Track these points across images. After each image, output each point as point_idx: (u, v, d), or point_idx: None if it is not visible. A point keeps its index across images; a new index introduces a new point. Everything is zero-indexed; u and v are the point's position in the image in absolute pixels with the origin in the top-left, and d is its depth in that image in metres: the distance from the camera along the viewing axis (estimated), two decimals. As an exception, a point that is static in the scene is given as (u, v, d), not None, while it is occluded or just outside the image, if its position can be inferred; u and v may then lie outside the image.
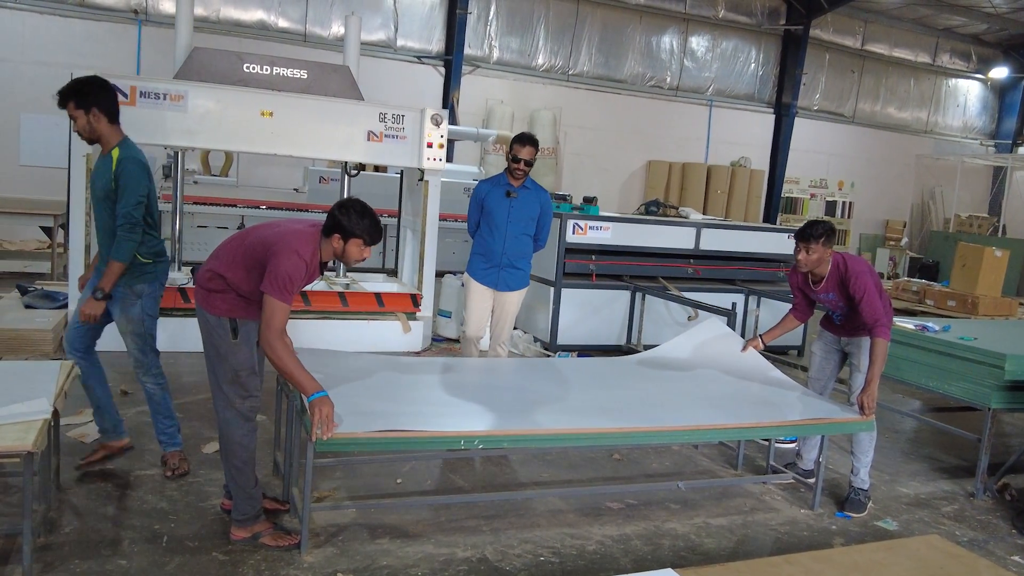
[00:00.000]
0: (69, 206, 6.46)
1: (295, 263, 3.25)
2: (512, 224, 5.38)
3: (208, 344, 3.45)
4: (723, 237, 8.42)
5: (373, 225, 3.38)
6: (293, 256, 3.25)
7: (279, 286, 3.22)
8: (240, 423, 3.44)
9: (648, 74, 16.67)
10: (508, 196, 5.37)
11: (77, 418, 4.81)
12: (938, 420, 5.77)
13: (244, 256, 3.40)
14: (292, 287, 3.26)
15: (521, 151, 5.31)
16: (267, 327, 3.23)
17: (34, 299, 6.82)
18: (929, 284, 11.31)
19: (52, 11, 12.23)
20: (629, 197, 16.70)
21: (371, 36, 14.08)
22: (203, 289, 3.43)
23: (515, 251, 5.41)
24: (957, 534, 4.33)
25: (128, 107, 6.31)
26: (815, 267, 4.40)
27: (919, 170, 20.17)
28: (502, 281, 5.43)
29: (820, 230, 4.27)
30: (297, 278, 3.28)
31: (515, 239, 5.41)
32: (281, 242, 3.31)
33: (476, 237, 5.50)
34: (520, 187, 5.40)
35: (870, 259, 19.19)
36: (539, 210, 5.46)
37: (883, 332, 4.24)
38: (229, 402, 3.42)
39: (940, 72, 19.94)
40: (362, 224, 3.34)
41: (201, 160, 12.58)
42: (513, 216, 5.37)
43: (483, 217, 5.44)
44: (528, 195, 5.42)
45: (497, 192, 5.40)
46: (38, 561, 3.14)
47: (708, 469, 5.01)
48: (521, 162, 5.32)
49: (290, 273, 3.24)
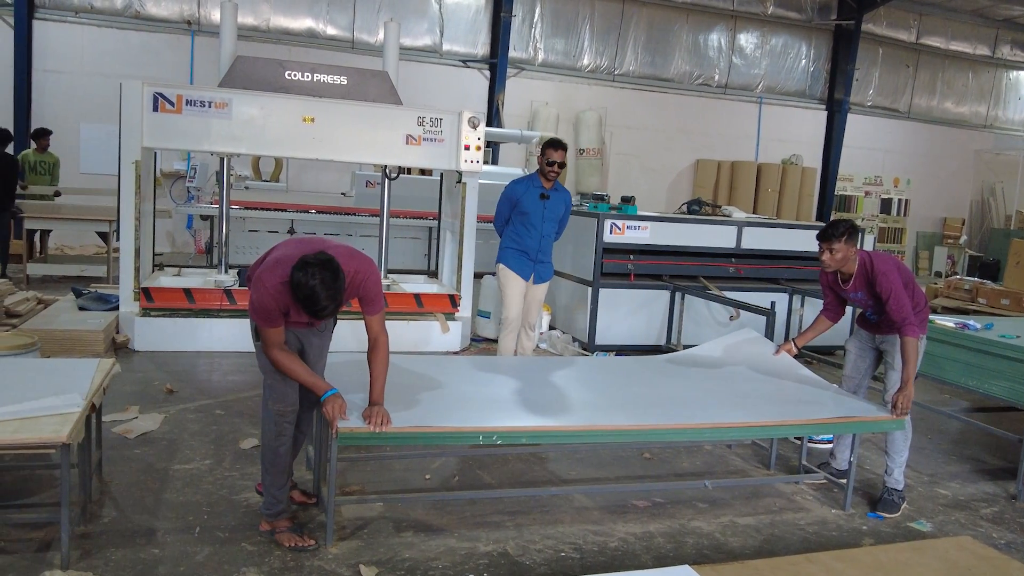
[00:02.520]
0: (119, 211, 6.70)
1: (260, 294, 3.31)
2: (546, 223, 5.86)
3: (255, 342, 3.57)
4: (766, 236, 8.32)
5: (307, 299, 3.15)
6: (260, 287, 3.32)
7: (256, 312, 3.34)
8: (270, 425, 3.52)
9: (696, 72, 16.54)
10: (542, 198, 5.78)
11: (123, 414, 5.00)
12: (981, 420, 5.63)
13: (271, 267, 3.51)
14: (267, 315, 3.30)
15: (554, 155, 5.71)
16: (264, 345, 3.39)
17: (88, 301, 7.09)
18: (982, 282, 10.97)
19: (109, 24, 12.70)
20: (677, 197, 16.55)
21: (417, 41, 14.29)
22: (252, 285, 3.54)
23: (547, 247, 5.93)
24: (994, 536, 4.23)
25: (175, 115, 6.57)
26: (840, 266, 4.35)
27: (978, 166, 19.59)
28: (537, 274, 5.92)
29: (841, 229, 4.23)
30: (269, 307, 3.29)
31: (548, 237, 5.93)
32: (265, 270, 3.37)
33: (510, 233, 5.90)
34: (551, 189, 5.81)
35: (927, 257, 18.73)
36: (564, 210, 5.96)
37: (911, 331, 4.16)
38: (265, 401, 3.55)
39: (1000, 64, 19.34)
40: (298, 293, 3.17)
41: (252, 166, 12.91)
42: (547, 216, 5.85)
43: (518, 216, 5.83)
44: (558, 196, 5.90)
45: (532, 194, 5.80)
46: (76, 548, 3.29)
47: (740, 468, 4.97)
48: (555, 165, 5.72)
49: (262, 302, 3.30)
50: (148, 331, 6.70)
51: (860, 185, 18.49)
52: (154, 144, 6.69)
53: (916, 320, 4.22)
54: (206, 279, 7.41)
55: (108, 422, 4.70)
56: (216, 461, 4.41)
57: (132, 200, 6.63)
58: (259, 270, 3.43)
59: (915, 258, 19.14)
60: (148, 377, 5.93)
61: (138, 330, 6.68)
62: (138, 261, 6.74)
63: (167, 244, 13.18)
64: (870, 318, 4.58)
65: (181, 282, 7.19)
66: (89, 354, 6.09)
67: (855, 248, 4.32)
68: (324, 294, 3.13)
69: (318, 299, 3.14)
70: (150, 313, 6.74)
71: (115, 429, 4.73)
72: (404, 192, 9.86)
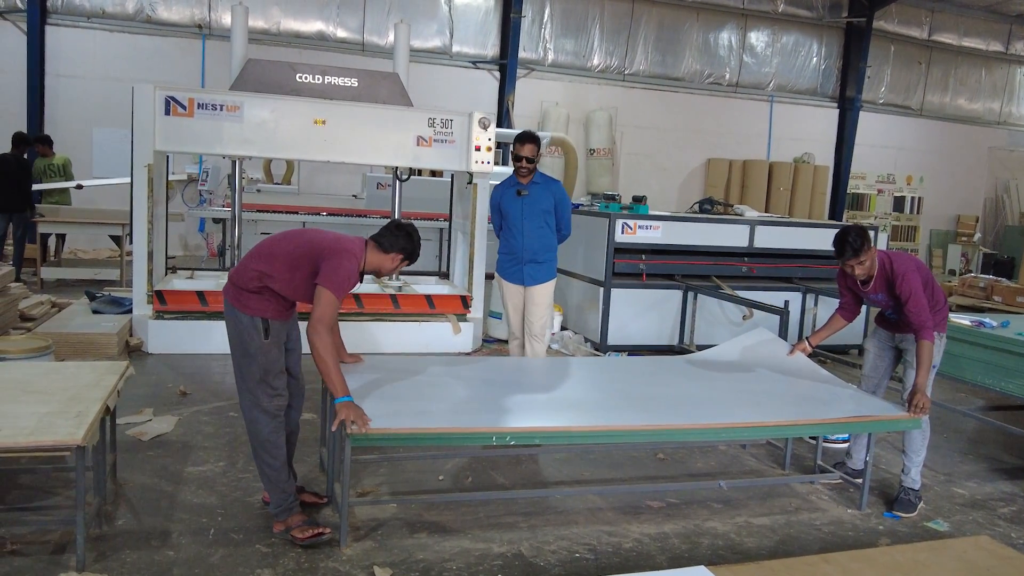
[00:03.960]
0: (132, 215, 6.73)
1: (353, 265, 3.52)
2: (527, 220, 5.54)
3: (237, 345, 3.57)
4: (779, 234, 8.28)
5: (417, 241, 3.76)
6: (352, 259, 3.53)
7: (338, 282, 3.45)
8: (267, 420, 3.55)
9: (706, 71, 16.50)
10: (519, 195, 5.55)
11: (137, 417, 5.02)
12: (998, 419, 5.58)
13: (290, 254, 3.55)
14: (348, 285, 3.50)
15: (522, 149, 5.48)
16: (319, 319, 3.40)
17: (101, 305, 7.13)
18: (997, 280, 10.89)
19: (121, 28, 12.78)
20: (688, 196, 16.52)
21: (427, 43, 14.31)
22: (238, 289, 3.55)
23: (536, 246, 5.55)
24: (1013, 536, 4.19)
25: (186, 118, 6.59)
26: (870, 272, 4.34)
27: (992, 163, 19.45)
28: (527, 276, 5.60)
29: (861, 241, 4.18)
30: (354, 279, 3.53)
31: (533, 234, 5.56)
32: (338, 245, 3.55)
33: (502, 238, 5.71)
34: (529, 183, 5.56)
35: (941, 256, 18.60)
36: (553, 202, 5.58)
37: (927, 334, 4.15)
38: (256, 402, 3.55)
39: (1014, 60, 19.20)
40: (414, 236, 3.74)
41: (264, 169, 12.97)
42: (527, 212, 5.54)
43: (504, 220, 5.65)
44: (539, 189, 5.56)
45: (509, 193, 5.61)
46: (92, 551, 3.30)
47: (755, 469, 4.95)
48: (523, 160, 5.48)
49: (349, 273, 3.49)
50: (161, 334, 6.73)
51: (873, 183, 18.38)
52: (166, 148, 6.72)
53: (934, 321, 4.20)
54: (219, 282, 7.43)
55: (122, 424, 4.72)
56: (230, 463, 4.42)
57: (145, 204, 6.65)
58: (335, 248, 3.53)
59: (929, 256, 19.00)
60: (162, 380, 5.95)
61: (151, 333, 6.71)
62: (151, 264, 6.76)
63: (180, 248, 13.25)
64: (889, 317, 4.55)
65: (194, 285, 7.22)
66: (103, 357, 6.13)
67: (875, 250, 4.30)
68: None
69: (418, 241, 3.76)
70: (163, 316, 6.77)
71: (129, 432, 4.74)
72: (414, 193, 9.88)
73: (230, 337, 3.60)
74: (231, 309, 3.57)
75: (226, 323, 3.61)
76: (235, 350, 3.58)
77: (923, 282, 4.29)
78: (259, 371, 3.52)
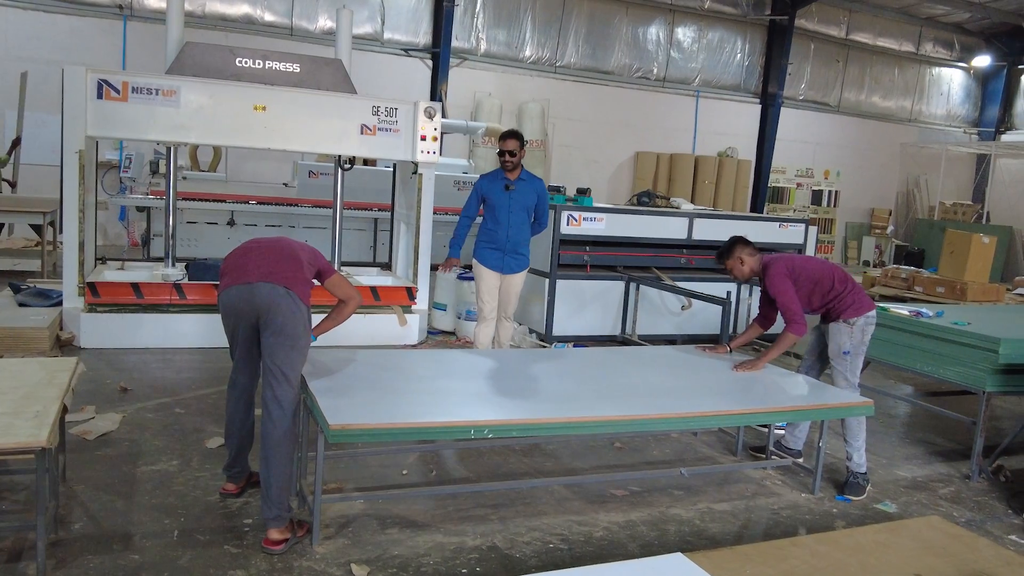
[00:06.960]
0: (62, 204, 6.41)
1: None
2: (513, 214, 5.87)
3: (288, 336, 3.40)
4: (716, 227, 8.46)
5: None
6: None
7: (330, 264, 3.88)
8: (287, 421, 3.40)
9: (635, 65, 16.71)
10: (507, 189, 5.83)
11: (79, 415, 4.79)
12: (932, 404, 5.84)
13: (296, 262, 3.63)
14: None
15: (506, 144, 5.81)
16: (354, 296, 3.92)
17: (27, 297, 6.78)
18: (918, 271, 11.41)
19: (36, 7, 12.14)
20: (618, 188, 16.76)
21: (358, 29, 14.04)
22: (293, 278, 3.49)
23: (518, 238, 5.90)
24: (955, 515, 4.40)
25: (120, 103, 6.32)
26: (750, 276, 4.78)
27: (904, 159, 20.34)
28: (507, 265, 5.93)
29: (727, 248, 4.76)
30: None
31: (516, 228, 5.89)
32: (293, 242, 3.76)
33: (481, 227, 5.94)
34: (516, 179, 5.86)
35: (856, 247, 19.36)
36: (536, 199, 5.94)
37: (795, 328, 4.57)
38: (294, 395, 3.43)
39: (924, 61, 20.09)
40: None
41: (190, 155, 12.49)
42: (513, 207, 5.86)
43: (488, 210, 5.88)
44: (524, 186, 5.88)
45: (497, 186, 5.86)
46: (51, 557, 3.13)
47: (708, 456, 5.06)
48: (506, 154, 5.79)
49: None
50: (95, 327, 6.44)
51: (792, 177, 19.00)
52: (98, 133, 6.42)
53: (839, 308, 4.56)
54: (153, 273, 7.17)
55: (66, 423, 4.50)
56: (184, 461, 4.27)
57: (76, 191, 6.35)
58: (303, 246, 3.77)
59: (844, 248, 19.76)
60: (99, 376, 5.70)
61: (84, 327, 6.41)
62: (82, 255, 6.47)
63: (100, 236, 12.67)
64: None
65: (127, 276, 6.94)
66: (34, 352, 5.83)
67: (754, 256, 4.72)
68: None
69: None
70: (96, 309, 6.48)
71: (72, 431, 4.52)
72: (349, 183, 9.69)
73: (278, 328, 3.38)
74: (289, 296, 3.41)
75: (269, 312, 3.39)
76: (282, 342, 3.38)
77: (794, 280, 4.61)
78: (301, 364, 3.52)
